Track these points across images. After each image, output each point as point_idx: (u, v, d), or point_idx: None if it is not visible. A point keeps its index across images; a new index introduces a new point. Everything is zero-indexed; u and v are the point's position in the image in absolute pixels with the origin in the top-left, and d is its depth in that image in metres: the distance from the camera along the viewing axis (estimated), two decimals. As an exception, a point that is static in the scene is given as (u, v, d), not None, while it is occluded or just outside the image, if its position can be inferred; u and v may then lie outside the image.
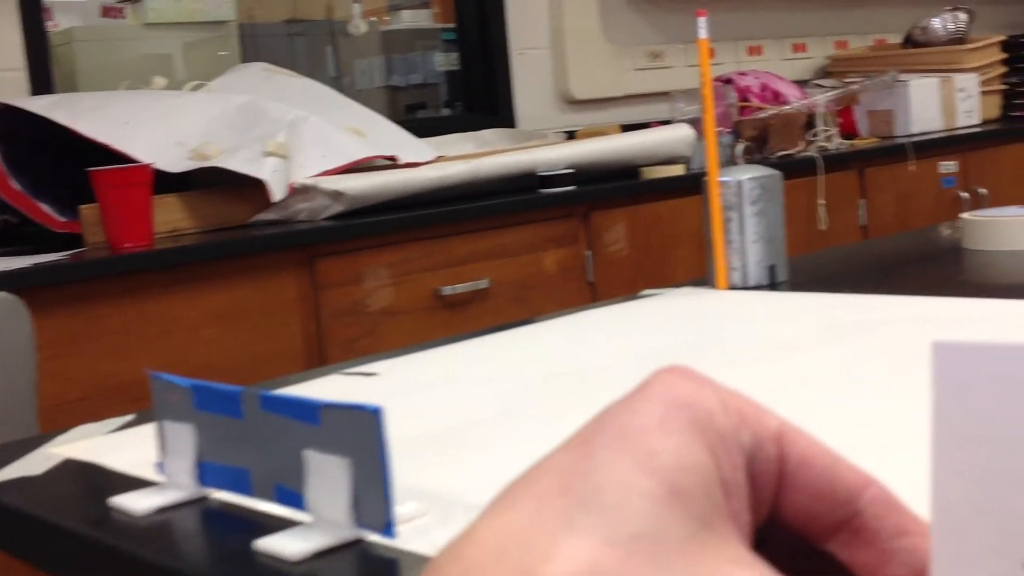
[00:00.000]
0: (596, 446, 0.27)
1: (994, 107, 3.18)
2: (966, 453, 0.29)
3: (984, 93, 3.09)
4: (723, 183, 0.89)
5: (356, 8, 3.20)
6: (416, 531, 0.44)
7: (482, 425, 0.59)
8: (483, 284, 2.05)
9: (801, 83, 3.08)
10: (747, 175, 0.88)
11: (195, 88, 2.21)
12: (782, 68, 3.17)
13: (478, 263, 2.06)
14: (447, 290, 2.00)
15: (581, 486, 0.25)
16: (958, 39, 3.16)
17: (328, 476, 0.43)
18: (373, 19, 3.29)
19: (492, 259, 2.07)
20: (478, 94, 2.89)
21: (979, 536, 0.29)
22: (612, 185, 2.25)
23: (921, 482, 0.30)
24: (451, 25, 3.00)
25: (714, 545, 0.26)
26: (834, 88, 2.91)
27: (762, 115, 2.68)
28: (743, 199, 0.88)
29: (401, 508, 0.44)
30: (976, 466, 0.29)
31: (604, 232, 2.22)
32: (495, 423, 0.59)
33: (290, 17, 3.36)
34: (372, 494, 0.42)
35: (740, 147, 2.42)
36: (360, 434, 0.42)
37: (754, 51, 3.26)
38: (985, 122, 3.09)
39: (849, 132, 2.89)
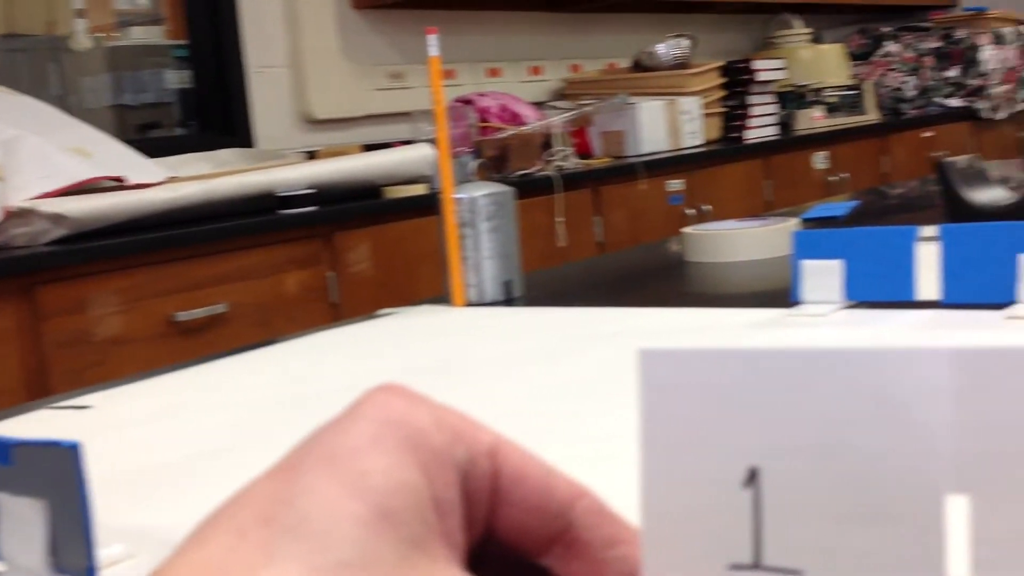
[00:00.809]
0: (302, 470, 0.25)
1: (716, 128, 3.38)
2: (673, 458, 0.29)
3: (706, 115, 3.28)
4: (458, 200, 0.89)
5: (80, 23, 3.03)
6: (121, 575, 0.41)
7: (205, 457, 0.56)
8: (221, 308, 1.98)
9: (538, 105, 3.17)
10: (481, 192, 0.89)
11: None
12: (520, 90, 3.25)
13: (215, 287, 1.99)
14: (182, 316, 1.92)
15: (285, 514, 0.24)
16: (681, 64, 3.33)
17: (23, 520, 0.39)
18: (100, 35, 3.13)
19: (230, 282, 2.01)
20: (214, 113, 2.80)
21: (688, 541, 0.29)
22: (354, 205, 2.23)
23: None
24: (183, 42, 2.89)
25: (426, 567, 0.25)
26: (569, 110, 3.01)
27: (501, 135, 2.73)
28: (477, 215, 0.88)
29: (105, 551, 0.41)
30: (683, 471, 0.29)
31: (347, 252, 2.20)
32: (220, 455, 0.56)
33: (7, 32, 3.14)
34: (71, 537, 0.38)
35: (473, 164, 2.45)
36: (57, 473, 0.38)
37: (493, 73, 3.32)
38: (708, 142, 3.28)
39: (584, 152, 2.99)
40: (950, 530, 0.26)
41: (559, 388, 0.63)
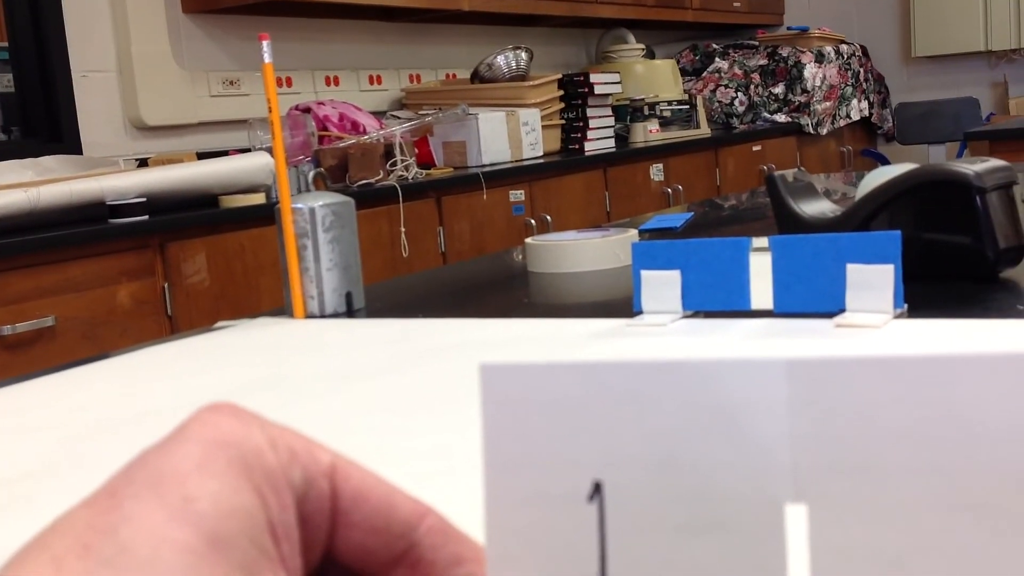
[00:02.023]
0: (123, 496, 0.24)
1: (555, 140, 3.42)
2: (516, 474, 0.29)
3: (545, 127, 3.32)
4: (296, 210, 0.87)
5: None
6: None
7: (22, 481, 0.53)
8: (48, 322, 1.89)
9: (378, 114, 3.15)
10: (320, 202, 0.87)
11: None
12: (359, 99, 3.23)
13: (42, 299, 1.90)
14: (6, 330, 1.83)
15: (105, 544, 0.23)
16: (520, 76, 3.37)
17: None
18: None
19: (58, 295, 1.92)
20: (37, 118, 2.67)
21: (533, 558, 0.28)
22: (189, 214, 2.17)
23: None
24: (3, 44, 2.75)
25: (258, 595, 0.24)
26: (409, 119, 3.00)
27: (342, 144, 2.70)
28: (316, 226, 0.87)
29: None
30: (526, 487, 0.29)
31: (182, 263, 2.13)
32: (38, 479, 0.53)
33: None
34: None
35: (312, 173, 2.41)
36: None
37: (331, 81, 3.28)
38: (548, 154, 3.32)
39: (426, 162, 2.99)
40: (789, 540, 0.27)
41: (397, 402, 0.62)
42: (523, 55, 3.38)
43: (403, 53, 3.54)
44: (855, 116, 4.61)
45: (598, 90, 3.47)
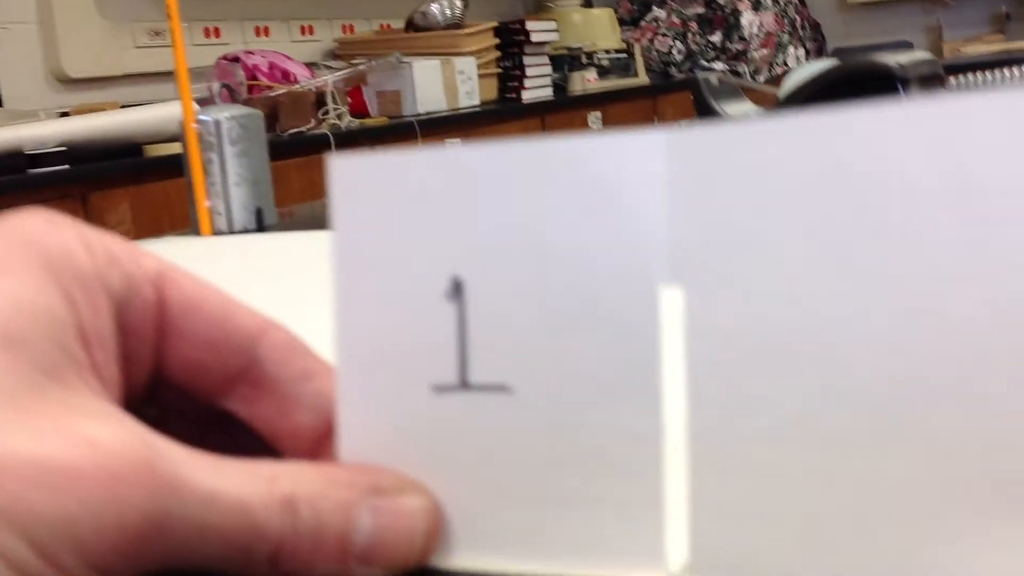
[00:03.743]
0: None
1: (492, 89, 3.38)
2: (369, 275, 0.26)
3: (482, 76, 3.27)
4: (201, 122, 0.83)
5: None
6: None
7: None
8: (-36, 275, 1.83)
9: (311, 65, 3.08)
10: (226, 113, 0.83)
11: None
12: (291, 50, 3.16)
13: (-43, 252, 1.83)
14: (-81, 284, 1.76)
15: None
16: (455, 25, 3.31)
17: None
18: None
19: (-25, 248, 1.85)
20: (-47, 71, 2.58)
21: (388, 366, 0.26)
22: (110, 164, 2.10)
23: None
24: (-85, -7, 2.65)
25: (60, 398, 0.21)
26: (342, 69, 2.94)
27: (272, 93, 2.64)
28: (223, 139, 0.83)
29: None
30: (381, 288, 0.26)
31: (105, 214, 2.07)
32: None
33: None
34: None
35: (217, 86, 2.33)
36: None
37: (261, 32, 3.21)
38: (484, 103, 3.28)
39: (360, 112, 2.93)
40: (664, 325, 0.24)
41: (304, 298, 0.59)
42: (458, 3, 3.33)
43: (335, 3, 3.47)
44: (792, 64, 4.62)
45: (535, 38, 3.43)
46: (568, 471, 0.24)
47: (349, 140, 2.63)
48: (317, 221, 0.92)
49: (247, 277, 0.67)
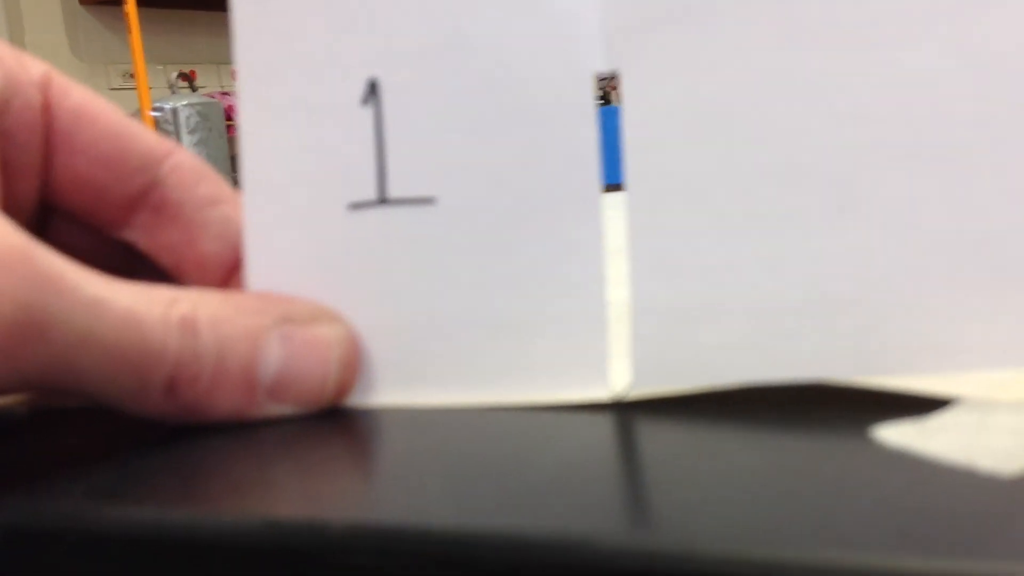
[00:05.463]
0: None
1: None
2: (276, 82, 0.23)
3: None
4: (158, 110, 0.81)
5: None
6: None
7: None
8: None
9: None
10: (183, 102, 0.81)
11: None
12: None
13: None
14: None
15: None
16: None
17: None
18: None
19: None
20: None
21: (299, 182, 0.23)
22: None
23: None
24: None
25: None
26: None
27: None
28: (180, 127, 0.81)
29: None
30: (288, 94, 0.23)
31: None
32: None
33: None
34: None
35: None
36: None
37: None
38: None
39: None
40: (597, 114, 0.22)
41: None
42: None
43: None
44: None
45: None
46: (500, 290, 0.22)
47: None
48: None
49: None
